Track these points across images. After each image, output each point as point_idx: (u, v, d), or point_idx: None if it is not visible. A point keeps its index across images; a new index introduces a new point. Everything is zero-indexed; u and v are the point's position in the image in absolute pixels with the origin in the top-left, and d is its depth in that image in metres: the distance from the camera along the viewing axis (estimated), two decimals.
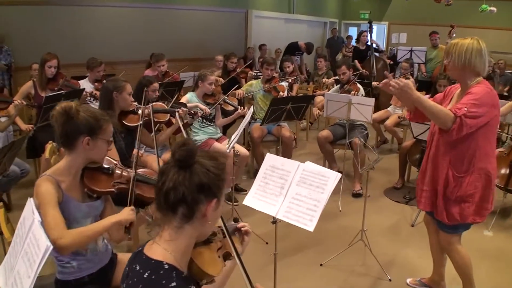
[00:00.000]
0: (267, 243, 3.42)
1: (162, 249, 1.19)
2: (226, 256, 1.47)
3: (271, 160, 2.30)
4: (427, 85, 7.02)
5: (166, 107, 3.45)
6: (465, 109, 2.11)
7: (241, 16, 9.97)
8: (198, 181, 1.17)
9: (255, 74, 6.78)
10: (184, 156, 1.17)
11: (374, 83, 6.11)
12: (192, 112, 3.46)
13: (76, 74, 5.30)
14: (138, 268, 1.18)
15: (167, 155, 3.74)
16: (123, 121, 2.92)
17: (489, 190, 2.32)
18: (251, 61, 7.65)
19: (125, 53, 7.39)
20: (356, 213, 3.90)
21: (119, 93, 2.85)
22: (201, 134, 4.23)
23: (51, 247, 1.21)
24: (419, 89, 6.70)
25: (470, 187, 2.30)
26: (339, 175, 2.15)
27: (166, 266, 1.15)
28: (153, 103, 3.00)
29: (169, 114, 3.34)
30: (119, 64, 7.04)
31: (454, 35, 7.21)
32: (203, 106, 4.06)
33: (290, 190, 2.16)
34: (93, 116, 1.82)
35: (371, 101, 4.14)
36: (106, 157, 2.01)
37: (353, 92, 4.69)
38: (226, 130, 5.76)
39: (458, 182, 2.31)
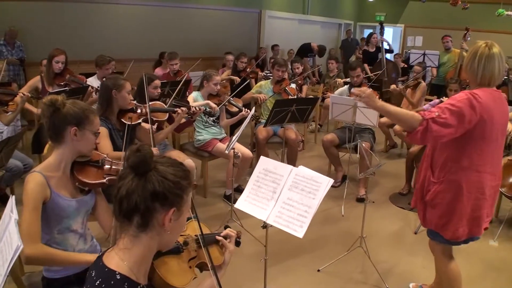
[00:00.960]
0: (265, 246, 3.37)
1: (118, 258, 1.15)
2: (202, 267, 1.42)
3: (264, 163, 2.26)
4: (439, 89, 6.89)
5: (164, 105, 3.43)
6: (436, 113, 2.01)
7: (255, 16, 9.94)
8: (152, 190, 1.11)
9: (265, 74, 6.75)
10: (137, 162, 1.12)
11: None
12: (192, 111, 3.43)
13: (87, 71, 5.33)
14: (93, 274, 1.15)
15: (170, 153, 3.73)
16: (122, 120, 2.90)
17: (461, 205, 2.17)
18: (259, 61, 7.58)
19: (136, 51, 7.41)
20: (359, 218, 3.81)
21: (118, 91, 2.83)
22: (204, 134, 4.21)
23: (22, 246, 1.20)
24: (430, 93, 6.65)
25: (437, 196, 2.23)
26: (332, 180, 2.09)
27: (118, 277, 1.11)
28: (151, 102, 2.97)
29: (167, 113, 3.33)
30: (130, 62, 7.06)
31: (469, 38, 7.05)
32: (213, 105, 4.03)
33: (282, 195, 2.11)
34: (79, 107, 1.83)
35: None
36: (96, 151, 2.01)
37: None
38: (233, 130, 5.74)
39: (430, 186, 2.27)
